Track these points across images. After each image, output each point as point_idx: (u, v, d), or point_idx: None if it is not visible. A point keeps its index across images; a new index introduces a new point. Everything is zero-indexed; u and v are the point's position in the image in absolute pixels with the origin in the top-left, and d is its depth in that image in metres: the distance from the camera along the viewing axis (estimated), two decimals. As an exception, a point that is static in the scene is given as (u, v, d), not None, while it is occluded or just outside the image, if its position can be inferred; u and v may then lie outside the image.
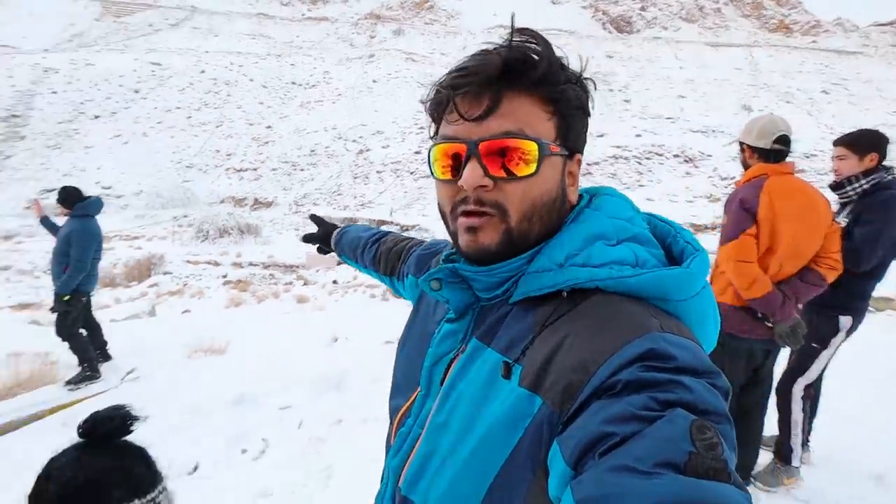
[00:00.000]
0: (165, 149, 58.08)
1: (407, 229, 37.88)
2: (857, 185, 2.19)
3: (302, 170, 62.01)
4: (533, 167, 0.54)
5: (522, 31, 0.55)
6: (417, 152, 61.24)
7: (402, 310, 9.15)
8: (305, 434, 3.09)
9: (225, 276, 19.16)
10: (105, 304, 10.74)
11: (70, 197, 4.06)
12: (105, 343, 4.53)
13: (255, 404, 3.35)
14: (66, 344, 4.07)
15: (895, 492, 2.21)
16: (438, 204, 0.61)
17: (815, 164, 36.45)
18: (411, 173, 54.64)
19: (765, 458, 2.36)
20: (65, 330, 4.05)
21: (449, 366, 0.60)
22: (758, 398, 2.19)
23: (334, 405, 3.48)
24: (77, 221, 4.02)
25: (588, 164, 40.60)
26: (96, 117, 56.37)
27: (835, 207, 2.20)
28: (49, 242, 4.26)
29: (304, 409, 3.37)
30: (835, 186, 2.29)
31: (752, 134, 2.04)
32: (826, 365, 2.27)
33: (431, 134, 0.62)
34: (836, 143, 2.29)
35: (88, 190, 4.33)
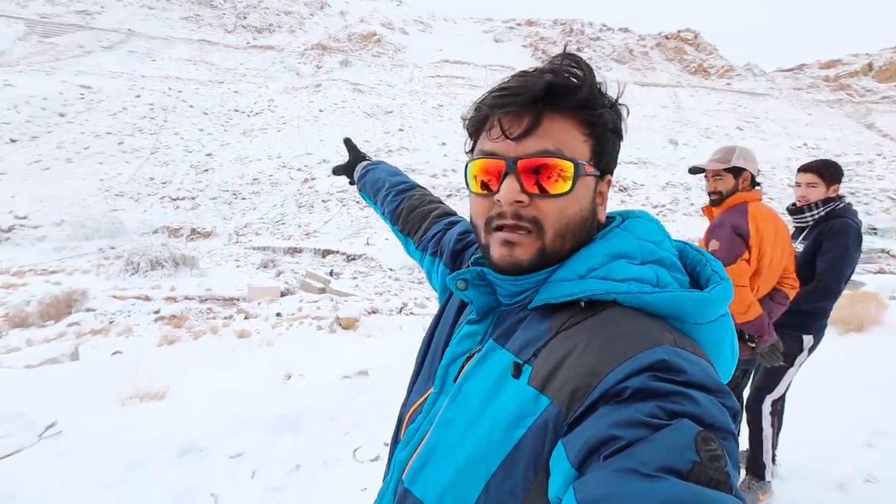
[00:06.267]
0: (92, 176, 54.43)
1: (353, 258, 37.34)
2: (815, 211, 2.27)
3: (243, 198, 59.72)
4: (568, 185, 0.55)
5: (567, 56, 0.57)
6: (365, 181, 60.63)
7: (355, 342, 8.80)
8: (260, 485, 2.79)
9: (157, 312, 17.79)
10: (15, 347, 9.54)
11: None
12: None
13: (202, 454, 3.00)
14: None
15: (856, 495, 2.31)
16: (471, 217, 0.64)
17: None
18: (357, 202, 54.13)
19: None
20: None
21: (464, 365, 0.61)
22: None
23: (291, 449, 3.20)
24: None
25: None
26: (13, 141, 52.02)
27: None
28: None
29: (258, 456, 3.07)
30: (794, 211, 2.36)
31: (753, 163, 2.06)
32: (791, 381, 2.36)
33: (468, 150, 0.65)
34: (805, 169, 2.31)
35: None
